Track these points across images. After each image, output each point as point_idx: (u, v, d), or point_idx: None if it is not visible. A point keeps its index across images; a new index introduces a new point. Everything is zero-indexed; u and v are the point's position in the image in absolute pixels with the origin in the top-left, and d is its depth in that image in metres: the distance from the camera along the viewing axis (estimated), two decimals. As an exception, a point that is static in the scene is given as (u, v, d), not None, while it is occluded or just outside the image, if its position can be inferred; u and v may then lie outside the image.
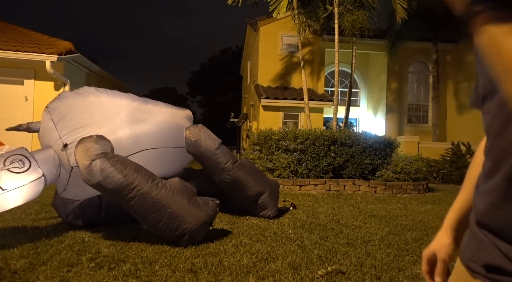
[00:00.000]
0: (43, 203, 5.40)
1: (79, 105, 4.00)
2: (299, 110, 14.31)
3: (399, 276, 2.95)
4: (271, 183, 5.12)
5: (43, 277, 2.68)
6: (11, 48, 8.26)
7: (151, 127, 4.17)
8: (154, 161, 4.12)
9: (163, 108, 4.49)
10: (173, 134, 4.44)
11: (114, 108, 4.09)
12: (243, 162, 4.87)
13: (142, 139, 4.04)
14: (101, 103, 4.08)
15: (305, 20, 11.86)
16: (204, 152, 4.57)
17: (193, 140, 4.53)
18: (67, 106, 3.96)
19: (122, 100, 4.19)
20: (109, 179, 3.28)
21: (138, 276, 2.77)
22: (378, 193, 7.89)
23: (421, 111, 17.18)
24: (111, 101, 4.14)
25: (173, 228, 3.43)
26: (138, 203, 3.36)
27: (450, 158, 11.70)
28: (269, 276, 2.84)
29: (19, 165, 3.48)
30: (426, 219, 5.24)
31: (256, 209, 4.89)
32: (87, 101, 4.05)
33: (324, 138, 8.02)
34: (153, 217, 3.40)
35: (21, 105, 8.85)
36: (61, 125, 3.82)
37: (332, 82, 16.18)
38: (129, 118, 4.06)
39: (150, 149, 4.12)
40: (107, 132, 3.78)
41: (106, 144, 3.54)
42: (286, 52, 15.61)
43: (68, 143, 3.70)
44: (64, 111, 3.90)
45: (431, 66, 16.09)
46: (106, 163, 3.31)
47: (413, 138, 13.16)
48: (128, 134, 3.96)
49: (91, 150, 3.36)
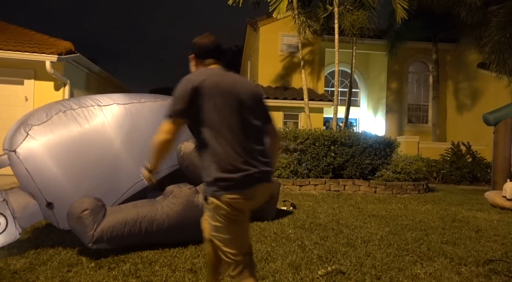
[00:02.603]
0: (43, 203, 5.40)
1: (61, 148, 3.40)
2: (299, 110, 14.31)
3: (399, 276, 2.95)
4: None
5: (43, 277, 2.68)
6: (11, 48, 8.25)
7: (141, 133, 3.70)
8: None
9: (151, 103, 4.05)
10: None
11: (103, 139, 3.58)
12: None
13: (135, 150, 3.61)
14: (86, 137, 3.54)
15: (305, 20, 11.85)
16: (195, 167, 3.81)
17: (184, 157, 3.86)
18: (44, 154, 3.32)
19: (106, 122, 3.66)
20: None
21: (138, 276, 2.77)
22: (378, 193, 7.89)
23: (421, 111, 17.16)
24: (95, 129, 3.62)
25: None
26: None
27: (450, 158, 11.70)
28: (269, 276, 2.84)
29: None
30: (426, 219, 5.23)
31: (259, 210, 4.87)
32: (68, 137, 3.48)
33: (324, 138, 8.02)
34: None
35: (21, 105, 8.84)
36: (40, 179, 3.23)
37: (332, 82, 16.18)
38: (123, 145, 3.61)
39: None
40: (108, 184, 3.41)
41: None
42: (286, 52, 15.60)
43: (53, 203, 3.19)
44: (36, 157, 3.26)
45: (431, 66, 16.08)
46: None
47: (413, 138, 13.15)
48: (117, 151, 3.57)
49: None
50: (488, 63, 11.98)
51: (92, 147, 3.56)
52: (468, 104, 15.33)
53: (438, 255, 3.54)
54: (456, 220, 5.24)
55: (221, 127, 1.89)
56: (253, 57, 17.69)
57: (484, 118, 8.50)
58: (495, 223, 5.14)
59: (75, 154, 3.46)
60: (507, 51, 11.15)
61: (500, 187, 6.98)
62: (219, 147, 1.87)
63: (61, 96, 8.57)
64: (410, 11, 11.26)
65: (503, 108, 8.30)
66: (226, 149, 1.87)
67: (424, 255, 3.54)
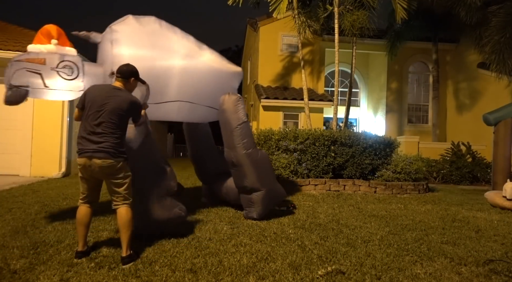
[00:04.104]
0: (43, 203, 5.40)
1: (141, 32, 4.13)
2: (299, 110, 14.31)
3: (399, 276, 2.95)
4: (274, 188, 4.94)
5: (43, 277, 2.68)
6: (11, 48, 8.26)
7: (197, 72, 4.43)
8: (184, 113, 4.55)
9: (213, 55, 4.73)
10: (213, 90, 4.65)
11: (172, 39, 4.34)
12: (256, 153, 4.78)
13: (184, 88, 4.34)
14: (161, 33, 4.28)
15: (305, 20, 11.85)
16: (226, 123, 4.68)
17: (222, 107, 4.67)
18: (129, 31, 4.06)
19: (177, 34, 4.46)
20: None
21: (138, 276, 2.77)
22: (378, 193, 7.89)
23: (421, 111, 17.17)
24: (171, 32, 4.38)
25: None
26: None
27: (450, 158, 11.70)
28: (269, 276, 2.84)
29: (68, 72, 3.84)
30: (426, 219, 5.23)
31: (244, 202, 4.88)
32: (149, 29, 4.22)
33: (324, 138, 8.02)
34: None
35: (21, 105, 8.81)
36: (117, 48, 3.94)
37: (332, 82, 16.18)
38: (183, 51, 4.37)
39: (185, 102, 4.41)
40: (161, 63, 4.15)
41: (142, 90, 3.74)
42: (286, 52, 15.60)
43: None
44: (124, 36, 4.00)
45: (431, 66, 16.08)
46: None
47: (413, 138, 13.15)
48: (178, 69, 4.25)
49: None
50: (488, 63, 11.98)
51: (162, 55, 4.26)
52: (468, 104, 15.33)
53: (438, 255, 3.54)
54: (456, 220, 5.24)
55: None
56: (253, 57, 17.68)
57: (484, 118, 8.50)
58: (495, 223, 5.14)
59: (150, 52, 4.16)
60: (507, 51, 11.15)
61: (500, 187, 6.98)
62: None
63: (61, 96, 8.56)
64: (410, 11, 11.26)
65: (503, 108, 8.30)
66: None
67: (424, 255, 3.54)
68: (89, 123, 3.03)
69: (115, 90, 3.20)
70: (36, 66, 3.77)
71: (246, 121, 4.75)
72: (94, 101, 3.07)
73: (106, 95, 3.11)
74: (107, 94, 3.12)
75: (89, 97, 3.11)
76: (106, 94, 3.11)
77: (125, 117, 3.17)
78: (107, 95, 3.10)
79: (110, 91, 3.18)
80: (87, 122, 3.04)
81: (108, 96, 3.10)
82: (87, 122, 3.04)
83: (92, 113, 3.04)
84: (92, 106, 3.05)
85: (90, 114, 3.04)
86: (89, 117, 3.04)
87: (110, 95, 3.12)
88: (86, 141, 3.01)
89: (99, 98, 3.07)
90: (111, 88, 3.23)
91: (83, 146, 3.01)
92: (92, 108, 3.05)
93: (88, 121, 3.04)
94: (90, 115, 3.04)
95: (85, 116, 3.07)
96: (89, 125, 3.03)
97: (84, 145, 3.01)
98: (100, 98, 3.07)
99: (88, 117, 3.04)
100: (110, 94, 3.13)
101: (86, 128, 3.03)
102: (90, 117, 3.04)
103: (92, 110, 3.04)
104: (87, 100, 3.11)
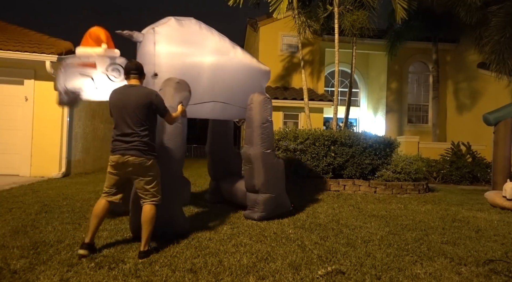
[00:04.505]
0: (43, 203, 5.40)
1: (182, 33, 4.35)
2: (299, 110, 14.31)
3: (399, 276, 2.95)
4: (281, 197, 4.97)
5: (43, 277, 2.68)
6: (11, 48, 8.25)
7: (231, 69, 4.68)
8: (217, 112, 4.74)
9: (245, 55, 4.98)
10: (244, 89, 4.85)
11: (211, 40, 4.59)
12: (272, 156, 4.88)
13: (218, 88, 4.53)
14: (201, 34, 4.52)
15: (305, 20, 11.84)
16: (251, 120, 4.82)
17: (250, 105, 4.85)
18: (171, 33, 4.26)
19: (215, 35, 4.70)
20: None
21: (138, 276, 2.77)
22: (378, 193, 7.89)
23: (421, 111, 17.17)
24: (209, 32, 4.62)
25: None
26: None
27: (450, 158, 11.70)
28: (269, 276, 2.84)
29: (116, 75, 4.04)
30: (426, 219, 5.23)
31: (250, 202, 4.89)
32: (190, 30, 4.45)
33: (324, 138, 8.02)
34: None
35: (21, 105, 8.84)
36: (159, 49, 4.13)
37: (332, 82, 16.18)
38: (221, 50, 4.64)
39: (219, 103, 4.63)
40: (195, 60, 4.38)
41: (184, 95, 3.93)
42: (286, 52, 15.60)
43: (158, 73, 4.06)
44: (166, 39, 4.19)
45: (431, 66, 16.08)
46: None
47: (413, 138, 13.15)
48: (215, 66, 4.48)
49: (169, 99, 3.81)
50: (488, 63, 11.98)
51: (201, 54, 4.47)
52: (468, 104, 15.33)
53: (438, 255, 3.54)
54: (456, 220, 5.24)
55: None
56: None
57: (484, 118, 8.49)
58: (495, 223, 5.14)
59: (191, 53, 4.39)
60: (507, 51, 11.14)
61: (500, 187, 6.98)
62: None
63: (61, 96, 8.56)
64: (410, 11, 11.26)
65: (503, 108, 8.29)
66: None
67: (424, 255, 3.54)
68: (119, 126, 3.27)
69: (129, 89, 3.35)
70: (87, 70, 3.95)
71: (271, 121, 4.88)
72: (115, 106, 3.29)
73: (123, 97, 3.29)
74: (123, 96, 3.29)
75: (111, 104, 3.33)
76: (122, 97, 3.29)
77: (149, 112, 3.30)
78: (124, 97, 3.28)
79: (125, 91, 3.33)
80: (117, 125, 3.29)
81: (124, 97, 3.28)
82: (117, 125, 3.29)
83: (118, 117, 3.28)
84: (116, 111, 3.29)
85: (117, 118, 3.29)
86: (117, 120, 3.29)
87: (125, 95, 3.29)
88: (118, 142, 3.26)
89: (120, 103, 3.27)
90: (126, 88, 3.38)
91: (116, 146, 3.26)
92: (116, 113, 3.29)
93: (118, 124, 3.28)
94: (118, 119, 3.28)
95: (115, 121, 3.31)
96: (118, 128, 3.28)
97: (117, 145, 3.26)
98: (120, 102, 3.27)
99: (117, 121, 3.29)
100: (125, 94, 3.30)
101: (117, 130, 3.28)
102: (118, 121, 3.28)
103: (117, 114, 3.29)
104: (111, 107, 3.34)
